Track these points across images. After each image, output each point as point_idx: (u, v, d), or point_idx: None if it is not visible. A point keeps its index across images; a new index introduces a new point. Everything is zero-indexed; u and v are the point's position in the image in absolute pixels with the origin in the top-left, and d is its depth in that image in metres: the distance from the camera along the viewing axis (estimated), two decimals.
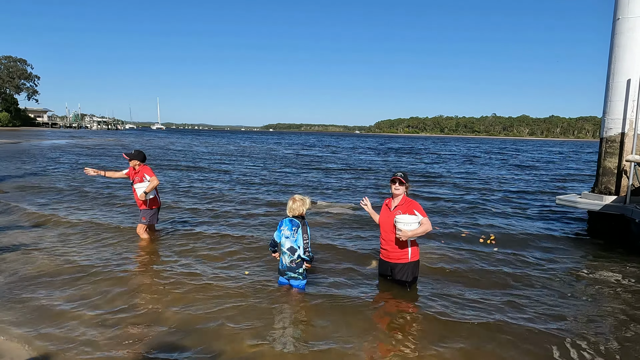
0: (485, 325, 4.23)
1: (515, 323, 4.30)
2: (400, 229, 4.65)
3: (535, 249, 7.13)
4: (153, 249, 6.55)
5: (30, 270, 5.42)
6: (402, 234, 4.65)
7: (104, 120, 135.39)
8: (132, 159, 6.66)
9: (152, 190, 6.64)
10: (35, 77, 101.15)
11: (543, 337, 4.02)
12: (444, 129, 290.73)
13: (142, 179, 6.54)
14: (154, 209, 6.81)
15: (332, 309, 4.49)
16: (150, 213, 6.76)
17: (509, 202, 12.19)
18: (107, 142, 45.60)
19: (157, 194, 6.90)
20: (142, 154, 6.82)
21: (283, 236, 4.75)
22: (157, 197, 6.89)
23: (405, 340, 3.94)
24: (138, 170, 6.63)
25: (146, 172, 6.59)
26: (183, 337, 3.83)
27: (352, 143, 67.06)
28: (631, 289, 5.40)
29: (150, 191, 6.57)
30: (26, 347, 3.61)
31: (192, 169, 19.52)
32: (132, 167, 6.68)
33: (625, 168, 7.81)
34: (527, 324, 4.28)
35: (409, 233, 4.62)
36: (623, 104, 7.72)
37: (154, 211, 6.84)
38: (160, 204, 7.00)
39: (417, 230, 4.64)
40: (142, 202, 6.58)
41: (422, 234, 4.75)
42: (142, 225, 6.80)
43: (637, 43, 7.47)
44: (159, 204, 6.92)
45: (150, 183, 6.49)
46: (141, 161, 6.71)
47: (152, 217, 6.82)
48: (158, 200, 6.89)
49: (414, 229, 4.63)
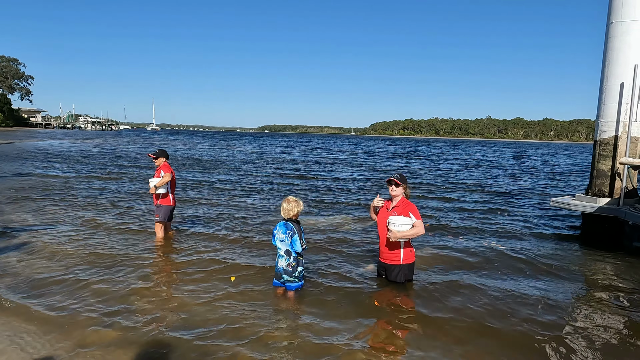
0: (479, 325, 4.24)
1: (510, 325, 4.31)
2: (390, 230, 4.67)
3: (528, 250, 7.15)
4: (163, 248, 6.62)
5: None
6: (391, 235, 4.67)
7: (98, 121, 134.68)
8: (157, 157, 6.95)
9: (165, 187, 6.84)
10: (29, 77, 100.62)
11: (537, 338, 4.03)
12: (439, 131, 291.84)
13: (158, 175, 6.82)
14: (165, 206, 6.90)
15: (328, 308, 4.49)
16: (162, 210, 6.90)
17: (505, 202, 12.25)
18: (129, 145, 44.57)
19: (171, 192, 6.99)
20: (166, 152, 7.14)
21: (278, 240, 4.74)
22: (170, 196, 6.96)
23: (398, 340, 3.94)
24: (158, 167, 6.91)
25: (163, 168, 6.87)
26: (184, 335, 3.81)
27: (365, 146, 62.97)
28: (624, 290, 5.43)
29: (162, 186, 6.76)
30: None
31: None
32: (158, 164, 6.97)
33: (618, 170, 7.86)
34: (525, 325, 4.29)
35: (397, 234, 4.63)
36: (616, 107, 7.77)
37: (165, 208, 6.91)
38: (173, 204, 7.04)
39: (406, 232, 4.64)
40: (155, 197, 6.84)
41: (413, 236, 4.76)
42: (157, 223, 6.99)
43: (631, 46, 7.53)
44: (170, 202, 6.97)
45: (162, 178, 6.73)
46: (166, 158, 7.02)
47: (164, 215, 6.93)
48: (170, 199, 6.97)
49: (403, 231, 4.63)
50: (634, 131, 7.68)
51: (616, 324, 4.44)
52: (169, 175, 6.77)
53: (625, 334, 4.22)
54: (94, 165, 20.27)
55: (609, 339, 4.09)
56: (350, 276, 5.58)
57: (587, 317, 4.60)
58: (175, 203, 7.15)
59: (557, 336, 4.08)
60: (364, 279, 5.48)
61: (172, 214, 7.20)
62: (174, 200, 7.10)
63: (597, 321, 4.48)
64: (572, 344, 3.96)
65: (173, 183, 7.05)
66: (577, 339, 4.05)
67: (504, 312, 4.61)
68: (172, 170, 6.95)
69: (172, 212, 7.11)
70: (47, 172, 16.46)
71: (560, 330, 4.23)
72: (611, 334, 4.20)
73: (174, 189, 7.12)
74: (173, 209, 7.12)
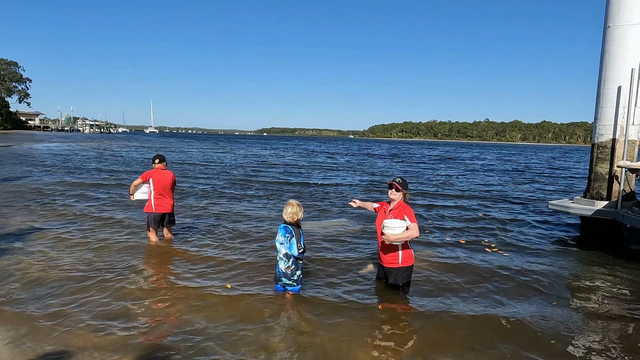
0: (478, 330, 4.25)
1: (511, 327, 4.32)
2: (384, 233, 4.67)
3: (527, 254, 7.16)
4: (156, 253, 6.55)
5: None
6: (385, 238, 4.67)
7: (96, 124, 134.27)
8: (153, 162, 7.01)
9: (143, 193, 6.80)
10: (27, 80, 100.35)
11: (536, 340, 4.04)
12: (437, 133, 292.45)
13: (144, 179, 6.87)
14: (146, 213, 6.85)
15: (325, 312, 4.48)
16: (145, 217, 6.90)
17: (503, 206, 12.26)
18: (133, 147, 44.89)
19: (152, 199, 6.74)
20: (160, 156, 7.12)
21: (278, 242, 4.75)
22: (151, 203, 6.74)
23: (399, 344, 3.94)
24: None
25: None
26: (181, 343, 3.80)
27: (376, 149, 62.09)
28: (622, 292, 5.45)
29: (136, 192, 6.81)
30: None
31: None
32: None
33: (616, 173, 7.89)
34: (521, 326, 4.30)
35: (391, 237, 4.63)
36: (614, 110, 7.81)
37: (146, 215, 6.84)
38: (153, 210, 6.75)
39: (400, 235, 4.64)
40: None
41: (406, 239, 4.76)
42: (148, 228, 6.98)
43: (628, 50, 7.58)
44: (151, 209, 6.75)
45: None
46: (160, 162, 6.99)
47: (146, 221, 6.87)
48: (152, 205, 6.74)
49: (397, 234, 4.63)
50: (632, 134, 7.72)
51: (614, 327, 4.45)
52: (137, 180, 6.76)
53: (624, 337, 4.23)
54: (98, 170, 20.22)
55: (606, 343, 4.09)
56: (350, 279, 5.58)
57: (584, 321, 4.60)
58: (163, 210, 6.82)
59: (555, 340, 4.09)
60: (364, 281, 5.48)
61: (162, 220, 6.91)
62: (160, 207, 6.78)
63: (594, 325, 4.49)
64: (570, 348, 3.96)
65: (161, 188, 6.76)
66: (574, 344, 4.05)
67: (505, 315, 4.61)
68: (151, 176, 6.71)
69: (155, 219, 6.80)
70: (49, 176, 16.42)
71: (557, 334, 4.23)
72: (609, 338, 4.21)
73: (160, 194, 6.76)
74: (157, 215, 6.79)
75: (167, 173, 6.92)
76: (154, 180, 6.75)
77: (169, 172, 6.96)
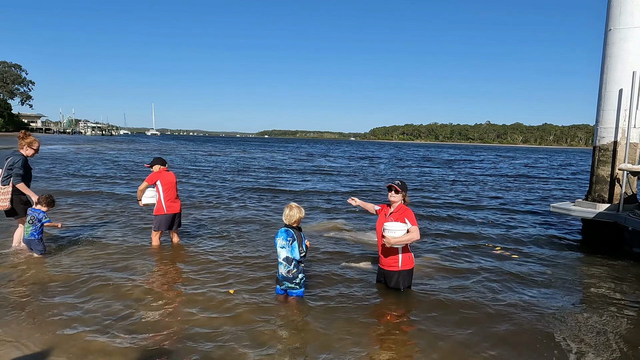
0: (479, 330, 4.24)
1: (511, 331, 4.31)
2: (384, 236, 4.67)
3: (528, 256, 7.15)
4: (155, 255, 6.56)
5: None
6: (385, 241, 4.67)
7: (98, 126, 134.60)
8: (152, 166, 6.93)
9: (151, 197, 6.79)
10: (30, 83, 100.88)
11: (537, 346, 4.03)
12: (438, 136, 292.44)
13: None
14: (156, 215, 6.79)
15: (328, 315, 4.47)
16: (155, 219, 6.84)
17: (505, 209, 12.25)
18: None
19: (162, 201, 6.70)
20: (161, 159, 7.06)
21: (279, 246, 4.74)
22: (162, 205, 6.70)
23: (401, 348, 3.93)
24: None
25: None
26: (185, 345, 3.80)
27: (381, 151, 60.96)
28: (624, 295, 5.43)
29: (143, 196, 6.78)
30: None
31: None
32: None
33: (618, 176, 7.88)
34: (520, 327, 4.30)
35: (392, 240, 4.63)
36: (615, 113, 7.81)
37: (156, 218, 6.79)
38: (165, 212, 6.73)
39: (401, 238, 4.63)
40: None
41: (407, 242, 4.75)
42: (153, 231, 6.94)
43: (629, 53, 7.58)
44: (163, 211, 6.73)
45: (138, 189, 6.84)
46: (161, 165, 6.92)
47: (157, 224, 6.80)
48: (163, 207, 6.71)
49: (397, 236, 4.62)
50: (633, 137, 7.71)
51: (616, 330, 4.43)
52: (143, 185, 6.71)
53: (625, 340, 4.21)
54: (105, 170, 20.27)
55: (608, 346, 4.08)
56: (350, 282, 5.57)
57: (586, 323, 4.58)
58: (174, 210, 6.83)
59: (556, 343, 4.08)
60: (364, 284, 5.48)
61: (172, 222, 6.88)
62: (172, 207, 6.77)
63: (596, 328, 4.47)
64: (571, 351, 3.95)
65: (170, 189, 6.77)
66: (576, 347, 4.04)
67: (505, 318, 4.60)
68: (158, 178, 6.69)
69: (167, 220, 6.79)
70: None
71: (559, 337, 4.22)
72: (611, 341, 4.19)
73: (170, 195, 6.76)
74: (168, 217, 6.78)
75: (171, 174, 6.95)
76: (162, 182, 6.72)
77: (172, 173, 6.99)
